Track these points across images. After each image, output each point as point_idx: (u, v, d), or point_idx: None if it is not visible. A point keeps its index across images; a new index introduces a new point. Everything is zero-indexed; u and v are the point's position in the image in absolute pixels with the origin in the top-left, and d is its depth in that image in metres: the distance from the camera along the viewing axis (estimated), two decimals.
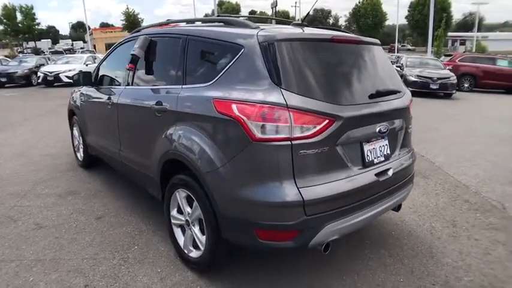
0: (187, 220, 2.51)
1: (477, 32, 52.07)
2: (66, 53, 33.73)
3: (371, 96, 2.34)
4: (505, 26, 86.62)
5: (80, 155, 4.69)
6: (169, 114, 2.51)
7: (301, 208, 1.97)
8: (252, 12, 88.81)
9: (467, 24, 71.00)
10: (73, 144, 4.91)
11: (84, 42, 66.77)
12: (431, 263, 2.71)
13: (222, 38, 2.31)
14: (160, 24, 3.37)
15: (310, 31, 2.43)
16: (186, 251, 2.56)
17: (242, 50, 2.16)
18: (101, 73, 3.92)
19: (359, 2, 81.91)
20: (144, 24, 54.56)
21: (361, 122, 2.23)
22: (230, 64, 2.20)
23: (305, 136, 1.97)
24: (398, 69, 13.97)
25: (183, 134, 2.37)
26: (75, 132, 4.73)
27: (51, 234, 3.03)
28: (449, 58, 16.69)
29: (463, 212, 3.61)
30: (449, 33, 74.34)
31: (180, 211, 2.61)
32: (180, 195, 2.52)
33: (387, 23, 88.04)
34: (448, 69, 13.42)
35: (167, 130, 2.53)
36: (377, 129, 2.32)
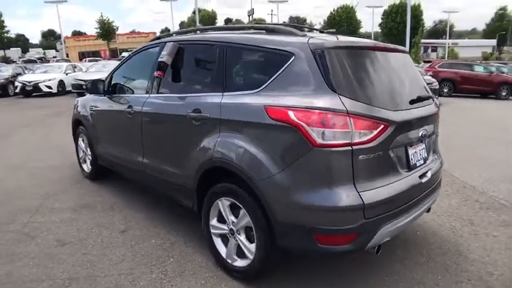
0: (231, 229, 2.48)
1: (448, 39, 54.49)
2: (39, 62, 32.61)
3: (411, 102, 2.42)
4: (472, 33, 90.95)
5: (87, 166, 4.54)
6: (210, 122, 2.49)
7: (361, 211, 2.00)
8: (228, 20, 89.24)
9: (437, 31, 74.04)
10: (78, 156, 4.75)
11: (56, 50, 64.91)
12: (461, 259, 2.81)
13: (270, 45, 2.32)
14: (185, 32, 3.34)
15: (348, 39, 2.48)
16: (229, 261, 2.53)
17: (293, 57, 2.17)
18: (114, 81, 3.82)
19: (334, 10, 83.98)
20: (119, 32, 53.71)
21: (408, 127, 2.30)
22: (280, 71, 2.21)
23: (364, 141, 2.00)
24: None
25: (229, 141, 2.35)
26: (81, 143, 4.58)
27: (77, 250, 2.91)
28: (428, 64, 17.33)
29: (476, 211, 3.75)
30: (422, 40, 77.50)
31: (221, 220, 2.58)
32: (223, 203, 2.49)
33: (361, 30, 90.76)
34: (430, 75, 13.92)
35: (209, 138, 2.49)
36: (420, 134, 2.40)
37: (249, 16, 51.49)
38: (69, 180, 4.54)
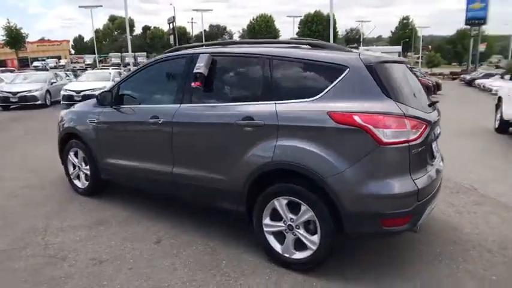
0: (289, 225, 2.70)
1: (362, 45, 60.12)
2: None
3: (429, 106, 2.93)
4: (378, 40, 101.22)
5: (82, 182, 4.30)
6: (265, 128, 2.68)
7: (415, 196, 2.42)
8: (146, 28, 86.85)
9: (349, 39, 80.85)
10: (67, 172, 4.45)
11: None
12: (458, 233, 3.43)
13: (325, 59, 2.63)
14: (212, 44, 3.45)
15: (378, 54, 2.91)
16: (287, 255, 2.74)
17: (347, 70, 2.51)
18: (124, 93, 3.74)
19: (253, 19, 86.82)
20: (28, 39, 48.62)
21: (434, 126, 2.79)
22: (336, 82, 2.53)
23: (415, 138, 2.42)
24: None
25: (291, 145, 2.58)
26: (72, 158, 4.31)
27: (121, 266, 2.85)
28: None
29: (450, 194, 4.46)
30: None
31: (274, 219, 2.78)
32: (281, 202, 2.70)
33: (280, 39, 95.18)
34: None
35: (265, 143, 2.68)
36: (437, 132, 2.93)
37: (169, 24, 50.87)
38: (61, 198, 4.24)
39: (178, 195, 3.49)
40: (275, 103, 2.70)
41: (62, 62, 52.26)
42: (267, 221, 2.81)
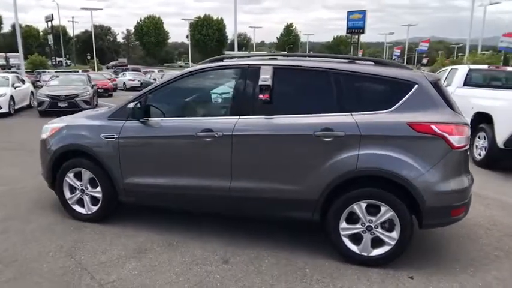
0: (368, 226, 2.99)
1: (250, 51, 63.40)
2: None
3: None
4: (261, 45, 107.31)
5: (87, 207, 3.78)
6: (347, 138, 2.92)
7: (469, 190, 3.01)
8: (20, 26, 75.09)
9: (238, 43, 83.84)
10: (63, 197, 3.83)
11: None
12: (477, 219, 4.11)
13: (397, 76, 3.01)
14: (268, 55, 3.49)
15: None
16: (365, 254, 3.04)
17: (416, 86, 2.94)
18: (155, 104, 3.46)
19: (140, 20, 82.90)
20: None
21: None
22: (408, 96, 2.94)
23: (468, 142, 2.99)
24: None
25: (374, 153, 2.88)
26: (73, 180, 3.74)
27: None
28: None
29: None
30: (227, 52, 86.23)
31: (350, 222, 3.04)
32: (361, 206, 2.97)
33: (170, 41, 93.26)
34: None
35: (346, 152, 2.92)
36: None
37: (47, 22, 45.16)
38: (64, 229, 3.65)
39: (233, 210, 3.41)
40: (351, 114, 2.97)
41: None
42: (343, 225, 3.05)
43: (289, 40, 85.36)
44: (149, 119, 3.44)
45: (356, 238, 3.06)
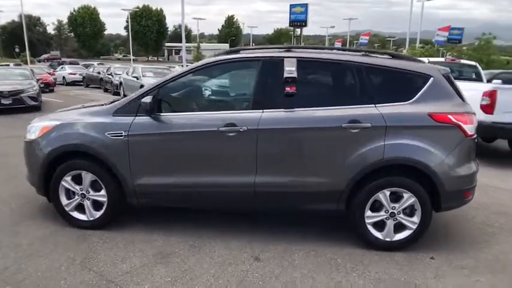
0: (392, 213, 3.15)
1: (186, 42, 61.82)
2: None
3: None
4: (201, 37, 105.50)
5: (89, 212, 3.48)
6: (373, 129, 3.03)
7: (476, 174, 3.28)
8: None
9: (178, 35, 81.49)
10: (60, 204, 3.48)
11: None
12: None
13: (414, 69, 3.17)
14: (278, 47, 3.44)
15: None
16: (388, 239, 3.20)
17: (432, 79, 3.13)
18: (167, 99, 3.29)
19: (74, 11, 77.03)
20: None
21: None
22: (425, 88, 3.12)
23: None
24: None
25: (400, 142, 3.03)
26: (71, 184, 3.41)
27: None
28: None
29: None
30: (167, 44, 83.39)
31: (374, 210, 3.18)
32: (385, 194, 3.12)
33: (106, 32, 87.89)
34: None
35: (373, 143, 3.03)
36: None
37: None
38: (67, 239, 3.34)
39: (257, 205, 3.36)
40: (375, 106, 3.08)
41: None
42: (368, 213, 3.17)
43: (231, 32, 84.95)
44: (164, 114, 3.26)
45: (379, 225, 3.21)
